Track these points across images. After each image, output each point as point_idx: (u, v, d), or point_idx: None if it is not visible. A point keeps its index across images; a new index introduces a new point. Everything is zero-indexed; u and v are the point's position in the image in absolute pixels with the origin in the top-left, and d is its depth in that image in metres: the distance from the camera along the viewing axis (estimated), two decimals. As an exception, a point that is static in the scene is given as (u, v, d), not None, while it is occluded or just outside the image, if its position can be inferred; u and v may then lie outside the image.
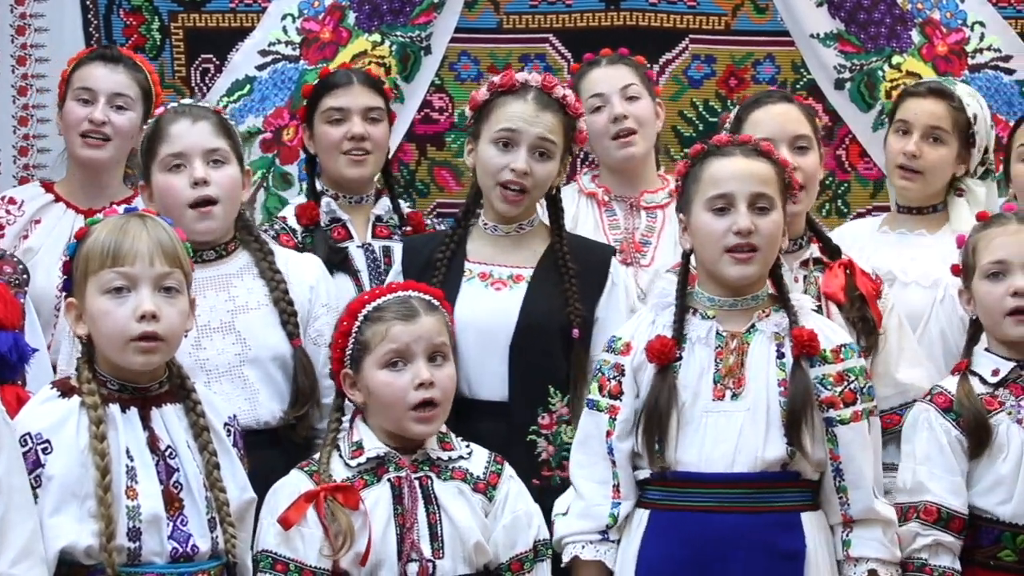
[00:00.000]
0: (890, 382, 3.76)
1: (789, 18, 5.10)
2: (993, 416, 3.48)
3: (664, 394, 3.34)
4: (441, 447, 3.38)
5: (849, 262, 3.81)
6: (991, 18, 5.06)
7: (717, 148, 3.44)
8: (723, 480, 3.32)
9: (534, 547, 3.39)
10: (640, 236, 4.40)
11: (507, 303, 3.80)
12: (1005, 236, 3.54)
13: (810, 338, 3.36)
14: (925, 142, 4.22)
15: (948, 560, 3.45)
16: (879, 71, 5.07)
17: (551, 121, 3.79)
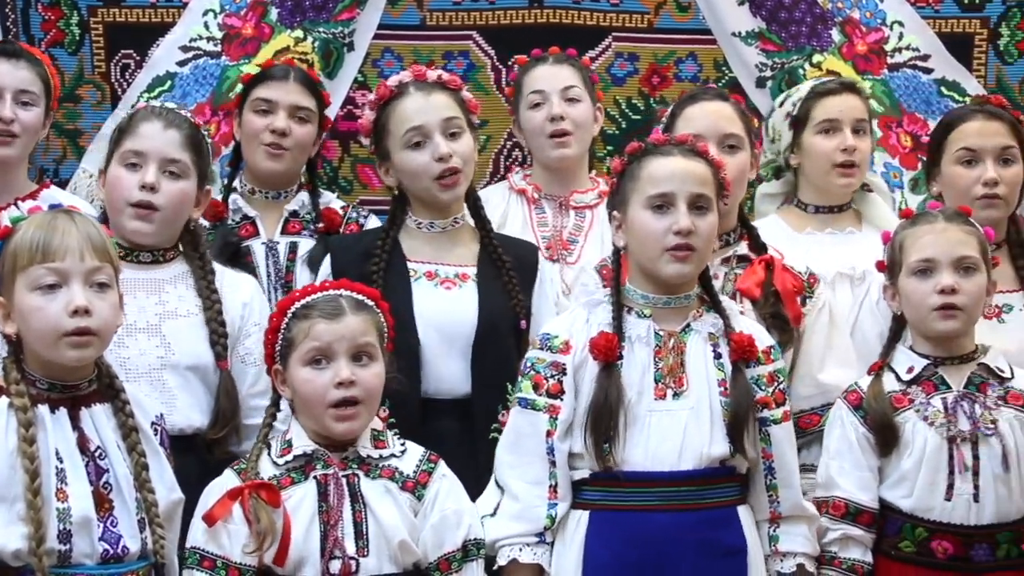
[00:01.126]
0: (811, 382, 3.80)
1: (711, 17, 5.13)
2: (902, 413, 3.53)
3: (613, 392, 3.34)
4: (374, 445, 3.37)
5: (770, 259, 3.83)
6: (910, 18, 5.11)
7: (655, 147, 3.45)
8: (669, 478, 3.33)
9: (464, 546, 3.37)
10: (568, 235, 4.41)
11: (462, 302, 3.82)
12: (933, 234, 3.58)
13: (749, 343, 3.40)
14: (854, 136, 4.26)
15: (858, 553, 3.51)
16: (800, 70, 5.10)
17: (445, 101, 3.85)
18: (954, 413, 3.50)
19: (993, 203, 3.96)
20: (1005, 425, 3.50)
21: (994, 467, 3.47)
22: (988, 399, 3.52)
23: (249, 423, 3.69)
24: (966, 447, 3.48)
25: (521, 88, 4.51)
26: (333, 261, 3.92)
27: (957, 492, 3.46)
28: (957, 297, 3.52)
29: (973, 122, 4.07)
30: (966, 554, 3.46)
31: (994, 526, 3.47)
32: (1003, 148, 4.00)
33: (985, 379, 3.55)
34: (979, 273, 3.55)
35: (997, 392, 3.54)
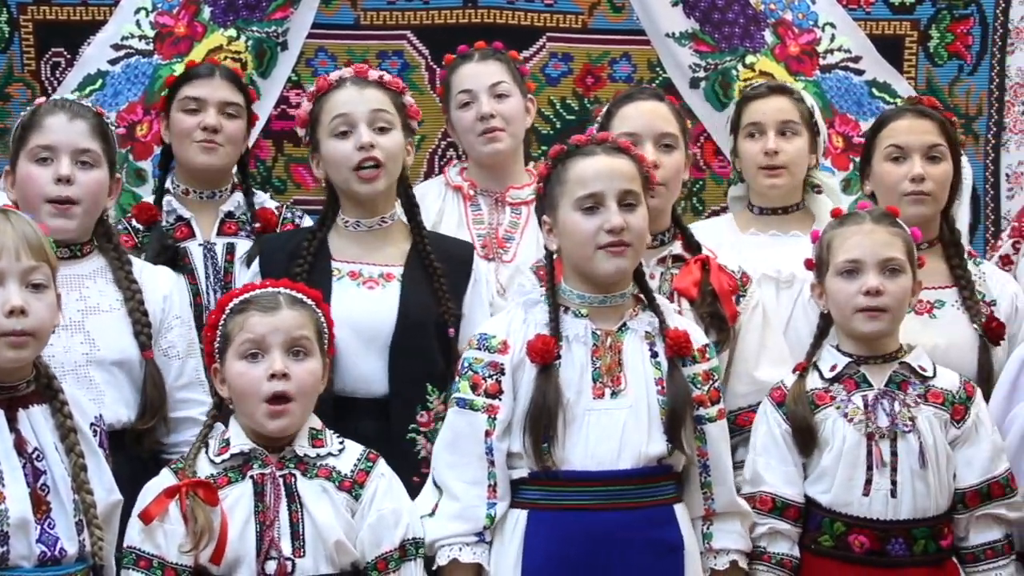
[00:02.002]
0: (748, 380, 3.80)
1: (645, 17, 5.15)
2: (823, 410, 3.56)
3: (551, 393, 3.34)
4: (312, 444, 3.36)
5: (706, 259, 3.84)
6: (841, 19, 5.16)
7: (578, 148, 3.45)
8: (609, 477, 3.33)
9: (402, 546, 3.35)
10: (503, 232, 4.41)
11: (383, 302, 3.79)
12: (860, 235, 3.61)
13: (684, 339, 3.41)
14: (780, 138, 4.29)
15: (786, 547, 3.54)
16: (733, 71, 5.14)
17: (378, 96, 3.84)
18: (873, 410, 3.53)
19: (920, 199, 4.00)
20: (924, 423, 3.53)
21: (912, 463, 3.50)
22: (908, 397, 3.55)
23: (176, 416, 3.68)
24: (884, 444, 3.51)
25: (450, 87, 4.49)
26: (262, 261, 3.91)
27: (875, 487, 3.49)
28: (882, 299, 3.54)
29: (903, 120, 4.10)
30: (882, 548, 3.49)
31: (910, 521, 3.50)
32: (931, 146, 4.03)
33: (906, 377, 3.58)
34: (904, 274, 3.59)
35: (918, 390, 3.56)
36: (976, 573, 3.55)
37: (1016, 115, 5.18)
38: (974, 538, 3.56)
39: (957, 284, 4.00)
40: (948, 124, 4.09)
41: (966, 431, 3.56)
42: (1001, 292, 4.04)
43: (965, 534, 3.56)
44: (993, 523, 3.56)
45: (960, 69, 5.20)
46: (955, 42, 5.19)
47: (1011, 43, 5.18)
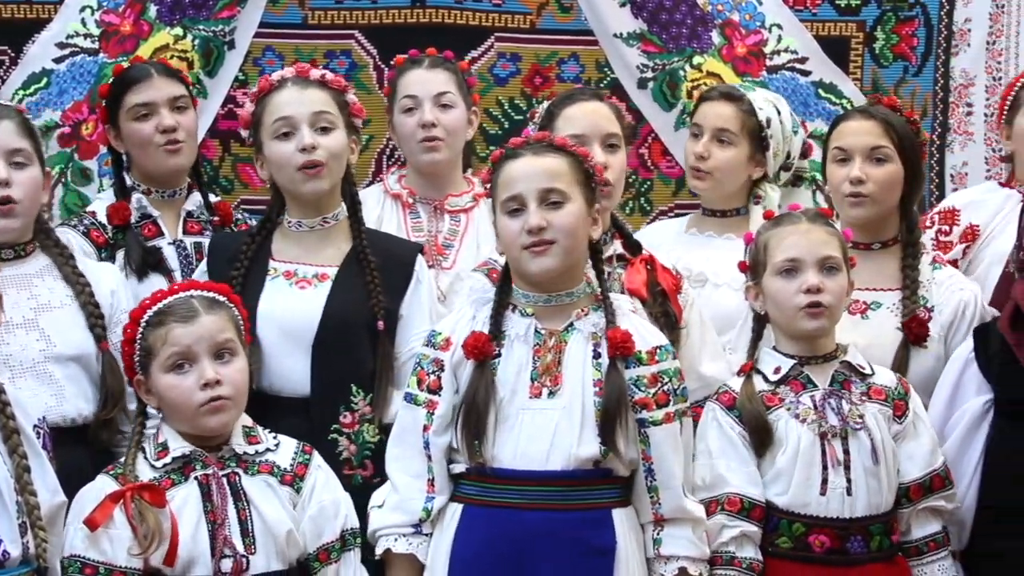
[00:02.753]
0: (694, 375, 3.79)
1: (593, 18, 5.16)
2: (773, 412, 3.57)
3: (482, 390, 3.35)
4: (247, 441, 3.37)
5: (650, 258, 3.85)
6: (788, 21, 5.18)
7: (511, 151, 3.45)
8: (537, 477, 3.33)
9: (341, 536, 3.39)
10: (443, 239, 4.40)
11: (311, 301, 3.79)
12: (797, 235, 3.62)
13: (624, 339, 3.39)
14: (713, 143, 4.31)
15: (752, 551, 3.53)
16: (681, 71, 5.16)
17: (320, 96, 3.83)
18: (823, 410, 3.55)
19: (859, 201, 4.00)
20: (871, 420, 3.56)
21: (864, 461, 3.52)
22: (853, 395, 3.57)
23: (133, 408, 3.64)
24: (837, 442, 3.53)
25: (396, 90, 4.47)
26: (209, 261, 3.92)
27: (831, 486, 3.51)
28: (823, 296, 3.56)
29: (850, 122, 4.12)
30: (842, 547, 3.50)
31: (867, 518, 3.52)
32: (873, 147, 4.03)
33: (848, 376, 3.60)
34: (841, 273, 3.61)
35: (860, 388, 3.59)
36: (921, 566, 3.58)
37: (960, 116, 5.22)
38: (916, 531, 3.59)
39: (902, 285, 4.01)
40: (898, 125, 4.07)
41: (907, 426, 3.59)
42: (947, 300, 4.02)
43: (907, 528, 3.59)
44: (932, 516, 3.60)
45: (905, 70, 5.23)
46: (900, 44, 5.22)
47: (955, 45, 5.22)
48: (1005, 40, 5.22)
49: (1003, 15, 5.21)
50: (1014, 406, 3.64)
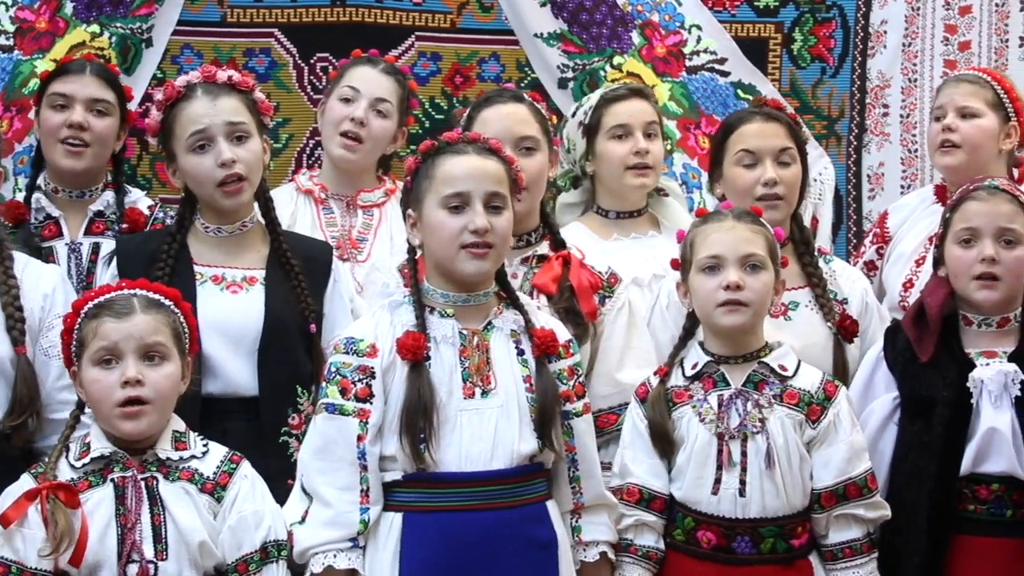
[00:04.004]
0: (609, 381, 3.81)
1: (514, 17, 5.17)
2: (680, 408, 3.60)
3: (425, 391, 3.32)
4: (175, 447, 3.34)
5: (568, 255, 3.85)
6: (707, 22, 5.22)
7: (449, 145, 3.43)
8: (483, 477, 3.33)
9: (263, 548, 3.33)
10: (356, 233, 4.39)
11: (248, 305, 3.76)
12: (720, 232, 3.63)
13: (551, 339, 3.42)
14: (647, 140, 4.31)
15: (652, 540, 3.57)
16: (601, 71, 5.18)
17: (233, 104, 3.78)
18: (727, 410, 3.56)
19: (774, 204, 4.02)
20: (775, 424, 3.55)
21: (760, 464, 3.54)
22: (763, 397, 3.58)
23: (55, 418, 3.62)
24: (735, 443, 3.54)
25: (340, 78, 4.47)
26: (119, 263, 3.84)
27: (723, 486, 3.53)
28: (742, 293, 3.57)
29: (752, 124, 4.12)
30: (728, 545, 3.52)
31: (758, 520, 3.53)
32: (781, 150, 4.05)
33: (765, 377, 3.61)
34: (765, 271, 3.62)
35: (774, 390, 3.59)
36: (835, 571, 3.58)
37: (877, 117, 5.28)
38: (833, 537, 3.59)
39: (810, 283, 4.04)
40: (794, 126, 4.13)
41: (822, 432, 3.58)
42: (851, 289, 4.08)
43: (825, 532, 3.60)
44: (852, 522, 3.59)
45: (823, 71, 5.28)
46: (818, 45, 5.27)
47: (872, 46, 5.28)
48: (920, 42, 5.28)
49: (918, 17, 5.27)
50: (913, 404, 3.69)
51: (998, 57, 5.25)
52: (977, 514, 3.61)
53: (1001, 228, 3.68)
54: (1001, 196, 3.72)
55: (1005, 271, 3.67)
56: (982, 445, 3.60)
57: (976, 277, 3.67)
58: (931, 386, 3.67)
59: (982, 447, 3.60)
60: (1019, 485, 3.60)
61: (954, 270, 3.73)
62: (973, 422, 3.62)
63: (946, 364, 3.68)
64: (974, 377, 3.63)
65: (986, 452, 3.60)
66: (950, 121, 4.43)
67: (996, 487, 3.60)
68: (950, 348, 3.70)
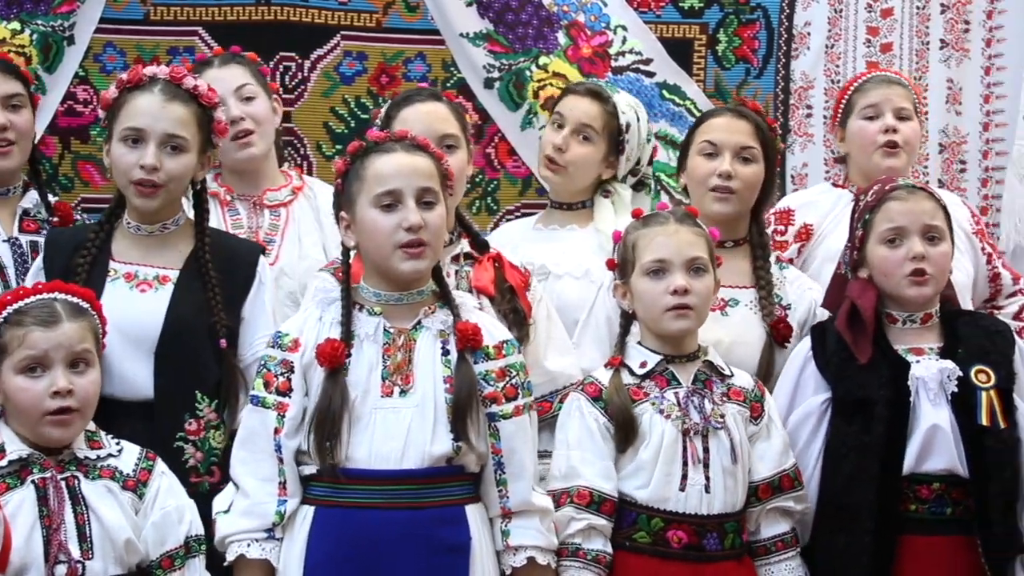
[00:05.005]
0: (540, 371, 3.82)
1: (440, 17, 5.16)
2: (639, 405, 3.59)
3: (337, 395, 3.32)
4: (89, 446, 3.33)
5: (497, 255, 3.86)
6: (633, 22, 5.24)
7: (377, 145, 3.43)
8: (392, 476, 3.32)
9: (186, 543, 3.35)
10: (264, 235, 4.36)
11: (152, 305, 3.72)
12: (665, 236, 3.64)
13: (474, 332, 3.41)
14: (574, 138, 4.33)
15: (600, 543, 3.55)
16: (527, 71, 5.19)
17: (180, 113, 3.73)
18: (686, 407, 3.58)
19: (725, 197, 4.05)
20: (731, 420, 3.60)
21: (723, 459, 3.56)
22: (714, 395, 3.61)
23: None
24: (698, 440, 3.56)
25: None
26: (47, 253, 3.81)
27: (691, 483, 3.54)
28: (689, 297, 3.59)
29: (721, 118, 4.16)
30: (699, 543, 3.54)
31: (722, 516, 3.56)
32: (743, 147, 4.08)
33: (710, 376, 3.64)
34: (708, 274, 3.64)
35: (721, 389, 3.63)
36: (768, 565, 3.62)
37: (800, 118, 5.32)
38: (765, 531, 3.63)
39: (756, 284, 4.07)
40: (764, 129, 4.14)
41: (762, 427, 3.64)
42: (799, 298, 4.10)
43: (756, 527, 3.63)
44: (781, 516, 3.64)
45: (747, 72, 5.32)
46: (742, 46, 5.31)
47: (795, 48, 5.32)
48: (843, 44, 5.33)
49: (841, 19, 5.32)
50: (848, 404, 3.71)
51: (919, 59, 5.32)
52: (919, 514, 3.64)
53: (926, 225, 3.73)
54: (920, 194, 3.78)
55: (933, 267, 3.72)
56: (924, 443, 3.63)
57: (908, 275, 3.71)
58: (867, 386, 3.70)
59: (924, 445, 3.63)
60: (959, 483, 3.63)
61: (882, 270, 3.76)
62: (912, 421, 3.66)
63: (880, 363, 3.71)
64: (913, 375, 3.67)
65: (928, 450, 3.64)
66: (892, 122, 4.45)
67: (937, 486, 3.64)
68: (881, 347, 3.73)
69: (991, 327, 3.80)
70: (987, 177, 5.34)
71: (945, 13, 5.32)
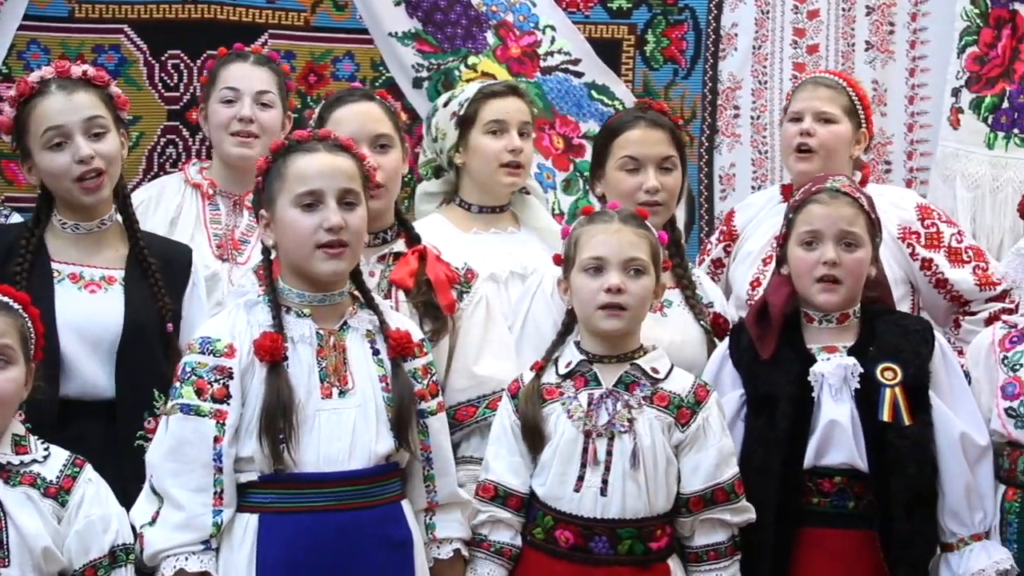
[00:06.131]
0: (467, 375, 3.83)
1: (368, 16, 5.15)
2: (549, 405, 3.61)
3: (284, 391, 3.30)
4: (15, 451, 3.28)
5: (424, 249, 3.85)
6: (561, 23, 5.25)
7: (300, 144, 3.42)
8: (341, 478, 3.32)
9: (111, 552, 3.30)
10: (239, 234, 4.38)
11: (106, 306, 3.72)
12: (606, 234, 3.64)
13: (406, 340, 3.43)
14: (521, 138, 4.32)
15: (508, 536, 3.58)
16: (456, 71, 5.18)
17: (89, 99, 3.75)
18: (596, 409, 3.58)
19: (654, 210, 4.06)
20: (644, 425, 3.58)
21: (624, 464, 3.56)
22: (633, 398, 3.61)
23: None
24: (601, 442, 3.56)
25: (216, 80, 4.47)
26: None
27: (586, 484, 3.55)
28: (622, 297, 3.59)
29: (636, 130, 4.13)
30: (585, 545, 3.54)
31: (617, 521, 3.55)
32: (664, 157, 4.09)
33: (636, 379, 3.63)
34: (647, 276, 3.64)
35: (645, 392, 3.62)
36: (698, 573, 3.62)
37: (728, 118, 5.35)
38: (699, 540, 3.62)
39: (679, 285, 4.08)
40: (677, 133, 4.15)
41: (691, 436, 3.61)
42: (714, 296, 4.17)
43: (690, 535, 3.63)
44: (718, 526, 3.62)
45: (675, 73, 5.34)
46: (670, 47, 5.33)
47: (723, 49, 5.35)
48: (770, 45, 5.36)
49: (768, 20, 5.35)
50: (758, 401, 3.74)
51: (845, 61, 5.36)
52: (821, 507, 3.67)
53: (842, 231, 3.74)
54: (843, 199, 3.79)
55: (846, 273, 3.74)
56: (823, 438, 3.66)
57: (818, 280, 3.74)
58: (774, 382, 3.72)
59: (823, 440, 3.66)
60: (861, 477, 3.66)
61: (796, 271, 3.79)
62: (814, 416, 3.68)
63: (788, 360, 3.74)
64: (815, 372, 3.69)
65: (827, 445, 3.66)
66: (808, 126, 4.46)
67: (839, 479, 3.67)
68: (792, 345, 3.76)
69: (910, 327, 3.83)
70: (912, 177, 5.39)
71: (870, 15, 5.37)
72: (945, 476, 3.71)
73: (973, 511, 3.72)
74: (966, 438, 3.72)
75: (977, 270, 4.54)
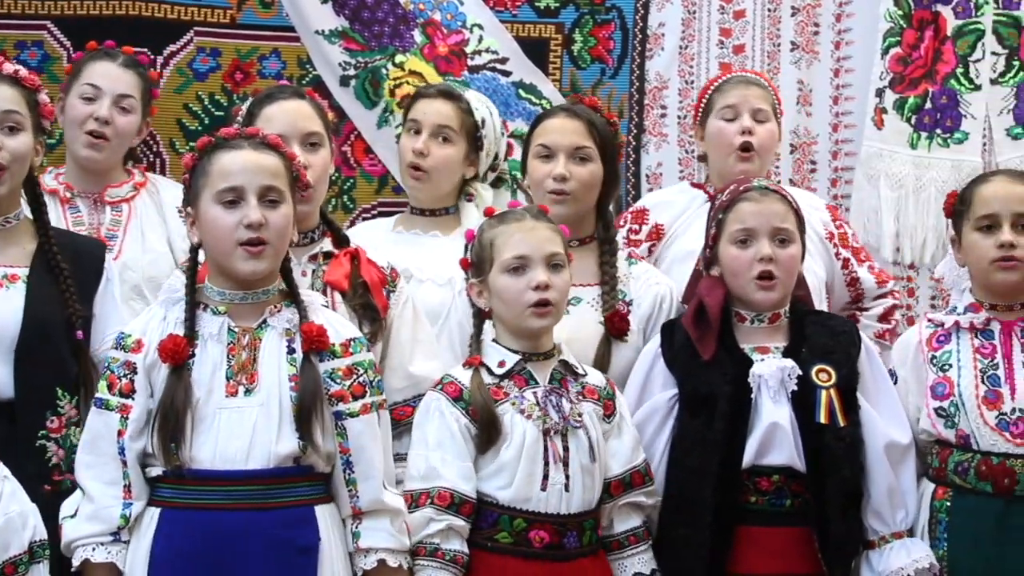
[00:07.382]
0: (403, 374, 3.82)
1: (295, 14, 5.13)
2: (500, 405, 3.60)
3: (180, 394, 3.30)
4: None
5: (356, 251, 3.84)
6: (489, 21, 5.25)
7: (225, 141, 3.41)
8: (237, 477, 3.30)
9: (30, 549, 3.29)
10: (106, 231, 4.33)
11: (7, 303, 3.67)
12: (523, 232, 3.65)
13: (319, 333, 3.38)
14: (433, 141, 4.32)
15: (458, 544, 3.55)
16: (383, 69, 5.17)
17: (9, 94, 3.72)
18: (545, 407, 3.60)
19: (560, 199, 4.07)
20: (588, 418, 3.63)
21: (582, 458, 3.59)
22: (571, 393, 3.64)
23: None
24: (558, 439, 3.59)
25: (79, 74, 4.39)
26: None
27: (551, 482, 3.56)
28: (550, 293, 3.61)
29: (553, 120, 4.17)
30: (560, 542, 3.56)
31: (581, 514, 3.59)
32: (577, 147, 4.10)
33: (565, 375, 3.66)
34: (565, 269, 3.67)
35: (576, 388, 3.65)
36: (621, 559, 3.67)
37: (655, 118, 5.36)
38: (618, 526, 3.68)
39: (601, 280, 4.08)
40: (600, 126, 4.15)
41: (614, 425, 3.69)
42: (644, 293, 4.12)
43: (609, 523, 3.68)
44: (633, 511, 3.70)
45: (602, 72, 5.35)
46: (597, 46, 5.34)
47: (650, 48, 5.36)
48: (697, 45, 5.38)
49: (695, 20, 5.37)
50: (693, 400, 3.76)
51: (771, 61, 5.39)
52: (759, 505, 3.71)
53: (776, 228, 3.78)
54: (772, 196, 3.83)
55: (781, 269, 3.78)
56: (764, 439, 3.70)
57: (756, 277, 3.77)
58: (711, 382, 3.75)
59: (764, 441, 3.70)
60: (797, 476, 3.70)
61: (732, 270, 3.81)
62: (753, 417, 3.72)
63: (725, 361, 3.77)
64: (754, 373, 3.73)
65: (768, 446, 3.70)
66: (749, 124, 4.44)
67: (776, 478, 3.71)
68: (727, 345, 3.79)
69: (837, 327, 3.87)
70: (837, 177, 5.42)
71: (796, 16, 5.40)
72: (870, 475, 3.76)
73: (895, 510, 3.77)
74: (889, 438, 3.76)
75: (872, 268, 4.64)
